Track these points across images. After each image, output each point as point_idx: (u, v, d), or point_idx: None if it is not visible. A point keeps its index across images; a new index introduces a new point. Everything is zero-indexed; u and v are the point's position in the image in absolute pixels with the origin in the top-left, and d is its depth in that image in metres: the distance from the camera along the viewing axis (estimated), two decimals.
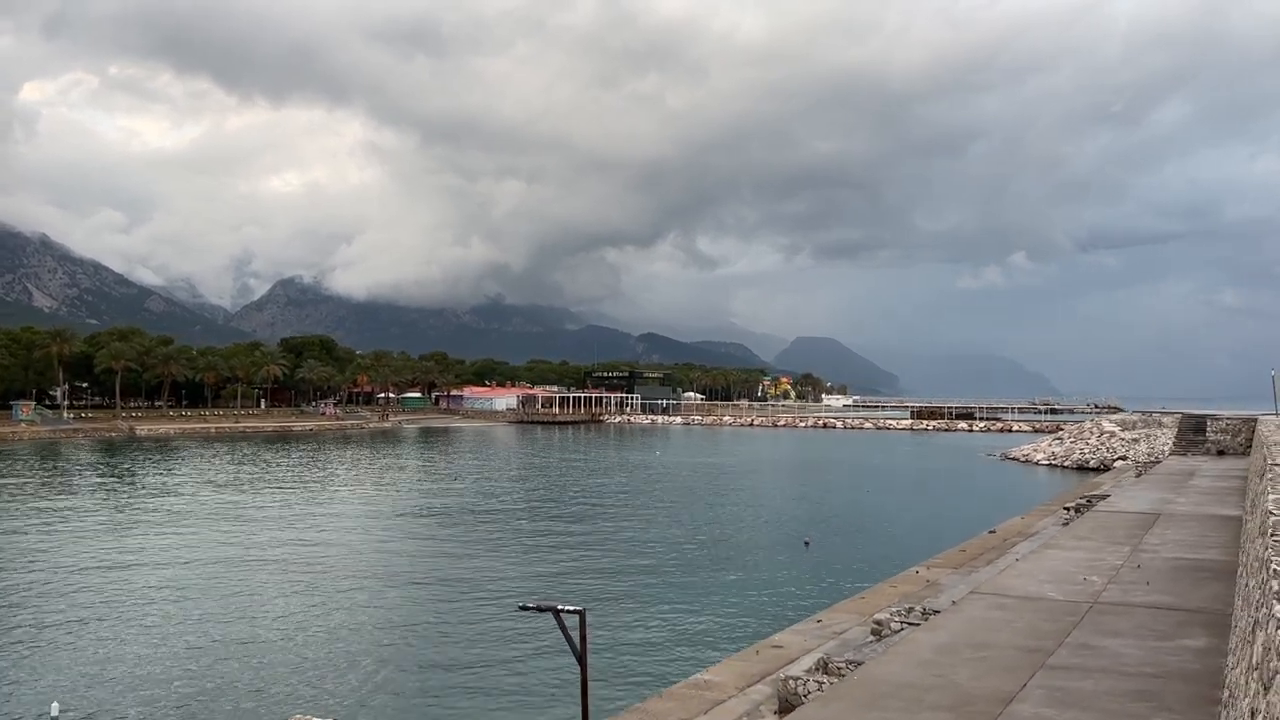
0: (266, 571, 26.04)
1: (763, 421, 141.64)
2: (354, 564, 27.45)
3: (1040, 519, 29.72)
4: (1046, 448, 63.94)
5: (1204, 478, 33.68)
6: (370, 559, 28.58)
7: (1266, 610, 5.23)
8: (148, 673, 17.00)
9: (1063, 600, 14.96)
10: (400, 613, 21.68)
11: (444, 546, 30.43)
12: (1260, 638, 5.25)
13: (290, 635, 19.54)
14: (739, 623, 19.49)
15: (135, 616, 20.95)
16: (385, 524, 35.98)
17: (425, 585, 24.68)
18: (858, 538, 31.80)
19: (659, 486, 49.66)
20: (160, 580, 24.79)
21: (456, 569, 26.50)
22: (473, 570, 26.25)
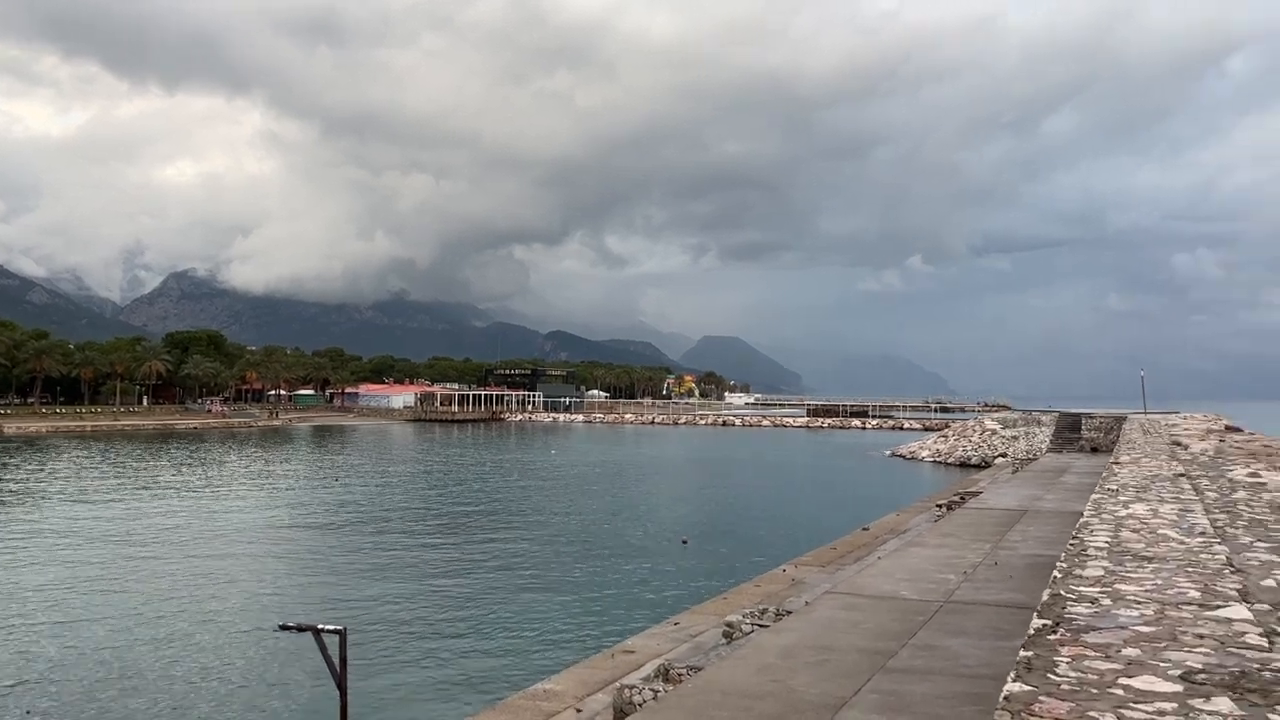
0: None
1: (664, 420, 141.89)
2: (144, 582, 24.91)
3: (913, 516, 29.91)
4: (932, 445, 65.34)
5: (1074, 474, 34.51)
6: (171, 577, 25.64)
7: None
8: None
9: (915, 599, 14.73)
10: (165, 630, 19.74)
11: (274, 562, 28.01)
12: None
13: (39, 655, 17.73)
14: (598, 627, 18.85)
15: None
16: (220, 532, 33.45)
17: (221, 605, 22.34)
18: (737, 536, 31.58)
19: (546, 487, 48.81)
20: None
21: (277, 585, 24.40)
22: (296, 587, 24.24)
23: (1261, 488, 10.55)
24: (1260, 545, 6.57)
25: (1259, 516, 8.24)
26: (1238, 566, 5.74)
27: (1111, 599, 4.87)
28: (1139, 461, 14.71)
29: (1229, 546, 6.50)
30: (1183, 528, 7.35)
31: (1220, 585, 5.18)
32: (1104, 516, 8.11)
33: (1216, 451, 17.09)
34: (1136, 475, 12.22)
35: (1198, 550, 6.27)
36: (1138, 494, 9.91)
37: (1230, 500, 9.49)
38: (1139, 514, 8.24)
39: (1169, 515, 8.11)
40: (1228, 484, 11.11)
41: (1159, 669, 3.64)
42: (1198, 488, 10.57)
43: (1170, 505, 8.83)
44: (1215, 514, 8.35)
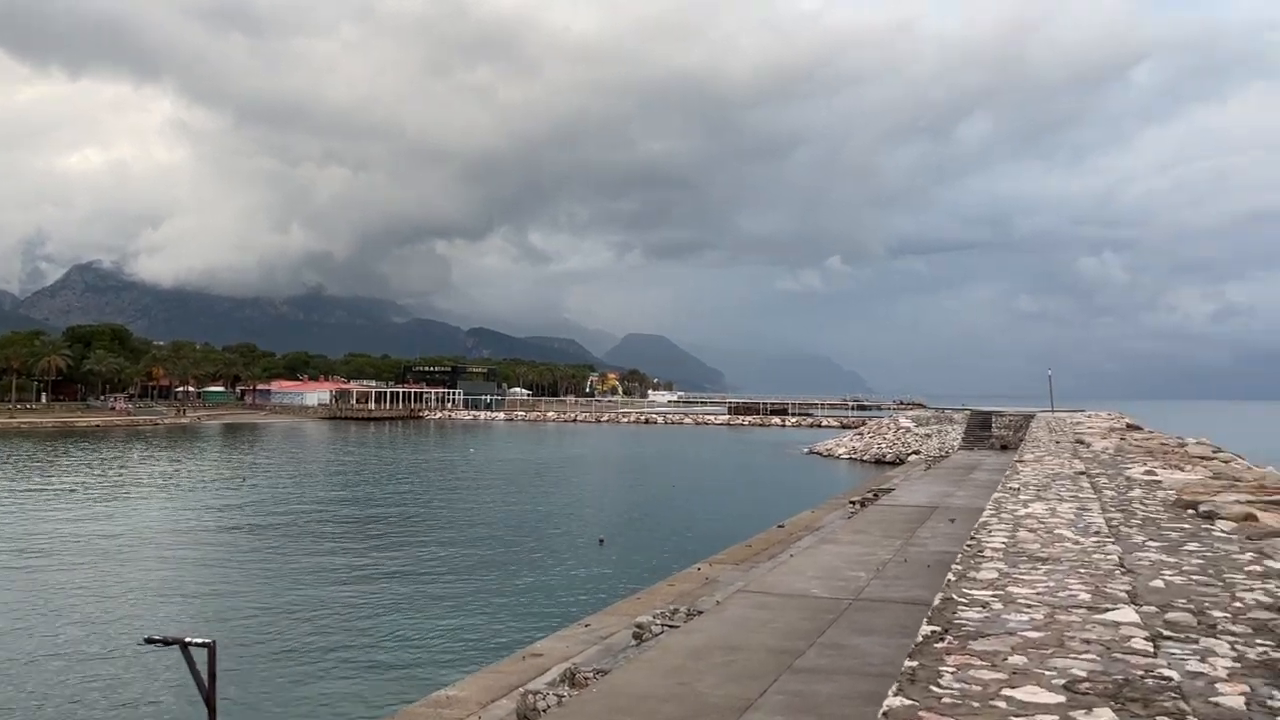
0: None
1: (586, 417, 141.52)
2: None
3: (828, 513, 30.18)
4: (848, 443, 66.36)
5: (983, 471, 35.28)
6: (37, 589, 23.65)
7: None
8: None
9: (826, 597, 14.76)
10: (21, 647, 18.22)
11: (159, 571, 26.01)
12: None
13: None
14: (508, 631, 18.46)
15: None
16: (108, 538, 30.96)
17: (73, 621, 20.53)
18: (655, 534, 31.48)
19: (462, 486, 48.02)
20: None
21: (157, 596, 22.80)
22: (178, 597, 22.59)
23: (1157, 486, 10.76)
24: (1152, 545, 6.61)
25: (1152, 515, 8.35)
26: (1129, 567, 5.73)
27: (1003, 602, 4.78)
28: (1042, 460, 14.97)
29: (1122, 546, 6.52)
30: (1079, 527, 7.38)
31: (1110, 587, 5.14)
32: (1003, 516, 8.12)
33: (1117, 450, 17.53)
34: (1039, 474, 12.39)
35: (1091, 550, 6.26)
36: (1038, 493, 10.00)
37: (1127, 499, 9.63)
38: (1038, 513, 8.27)
39: (1067, 514, 8.16)
40: (1125, 482, 11.32)
41: (1044, 678, 3.53)
42: (1096, 486, 10.73)
43: (1069, 504, 8.91)
44: (1111, 513, 8.44)
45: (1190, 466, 13.04)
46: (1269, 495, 9.54)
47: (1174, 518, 8.20)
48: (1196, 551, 6.29)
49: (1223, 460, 14.92)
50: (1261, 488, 10.29)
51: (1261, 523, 7.74)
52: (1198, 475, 11.77)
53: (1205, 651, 3.96)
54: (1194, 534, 7.17)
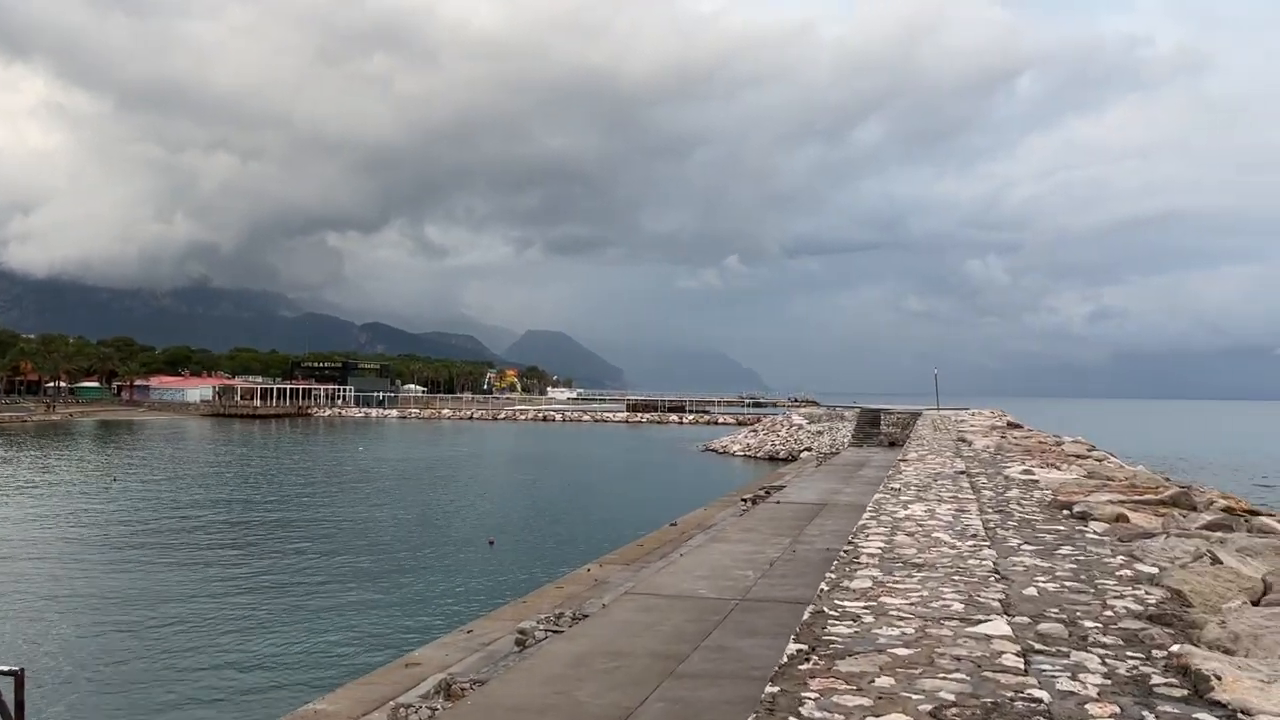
0: None
1: (483, 415, 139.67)
2: None
3: (720, 510, 30.19)
4: (743, 440, 67.04)
5: (871, 468, 35.86)
6: None
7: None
8: None
9: (713, 598, 14.56)
10: None
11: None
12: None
13: None
14: (388, 639, 17.71)
15: None
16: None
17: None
18: (547, 534, 30.98)
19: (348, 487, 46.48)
20: None
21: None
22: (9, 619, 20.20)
23: (1034, 486, 10.88)
24: (1027, 548, 6.53)
25: (1029, 516, 8.36)
26: (1003, 573, 5.60)
27: (875, 615, 4.55)
28: (925, 459, 15.12)
29: (997, 550, 6.42)
30: (956, 530, 7.29)
31: (984, 595, 4.98)
32: (882, 518, 7.99)
33: (997, 448, 17.90)
34: (921, 473, 12.45)
35: (967, 555, 6.14)
36: (919, 493, 9.98)
37: (1005, 499, 9.68)
38: (917, 515, 8.19)
39: (945, 516, 8.09)
40: (1004, 482, 11.44)
41: (910, 703, 3.27)
42: (976, 486, 10.79)
43: (948, 505, 8.87)
44: (989, 514, 8.42)
45: (1066, 466, 13.32)
46: (1138, 495, 9.73)
47: (1049, 519, 8.21)
48: (1070, 555, 6.22)
49: (1097, 459, 15.35)
50: (1132, 487, 10.50)
51: (1132, 523, 7.80)
52: (1073, 475, 11.99)
53: (1076, 667, 3.79)
54: (1068, 536, 7.15)
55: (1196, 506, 8.96)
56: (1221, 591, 4.99)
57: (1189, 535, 6.69)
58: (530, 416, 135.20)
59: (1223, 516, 7.59)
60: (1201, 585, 5.05)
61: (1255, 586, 5.10)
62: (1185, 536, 6.67)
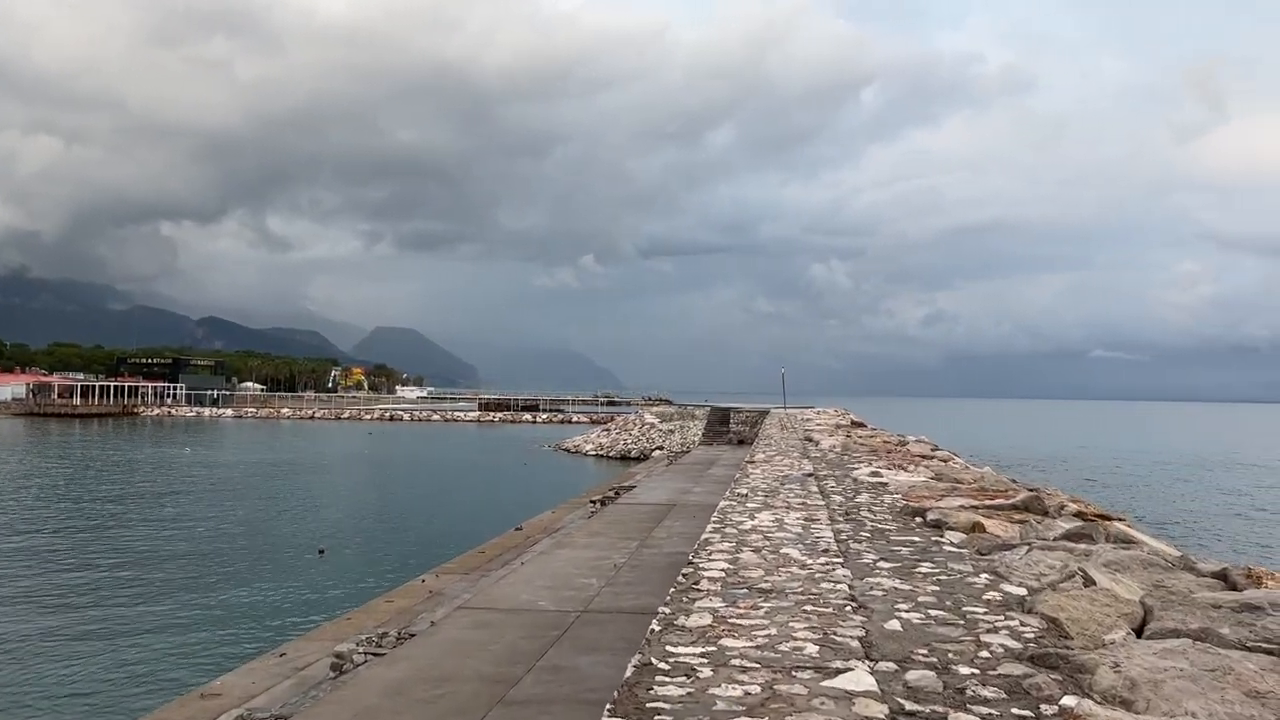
0: None
1: (326, 414, 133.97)
2: None
3: (569, 513, 29.27)
4: (595, 439, 66.35)
5: (721, 466, 35.74)
6: None
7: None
8: None
9: (553, 610, 13.61)
10: None
11: None
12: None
13: None
14: (189, 665, 15.85)
15: None
16: None
17: None
18: (384, 542, 29.23)
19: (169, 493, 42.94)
20: None
21: None
22: None
23: (883, 489, 10.42)
24: (884, 566, 5.84)
25: (881, 525, 7.76)
26: (861, 599, 4.87)
27: (713, 665, 3.69)
28: (772, 460, 14.61)
29: (852, 569, 5.71)
30: (807, 544, 6.58)
31: (841, 631, 4.21)
32: (727, 530, 7.21)
33: (844, 448, 17.65)
34: (768, 476, 11.85)
35: (820, 576, 5.39)
36: (766, 500, 9.31)
37: (855, 504, 9.11)
38: (764, 525, 7.46)
39: (794, 527, 7.39)
40: (853, 484, 10.95)
41: None
42: (825, 491, 10.23)
43: (797, 514, 8.20)
44: (840, 523, 7.78)
45: (913, 466, 13.02)
46: (990, 499, 9.36)
47: (903, 528, 7.64)
48: (931, 575, 5.56)
49: (942, 459, 15.22)
50: (982, 490, 10.17)
51: (989, 532, 7.32)
52: (921, 477, 11.65)
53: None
54: (925, 549, 6.54)
55: (1049, 511, 8.61)
56: (1101, 619, 4.39)
57: (1051, 548, 6.18)
58: (376, 416, 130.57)
59: (1080, 525, 7.19)
60: (1079, 612, 4.44)
61: (1135, 612, 4.54)
62: (1048, 549, 6.15)
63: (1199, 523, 34.22)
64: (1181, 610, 4.45)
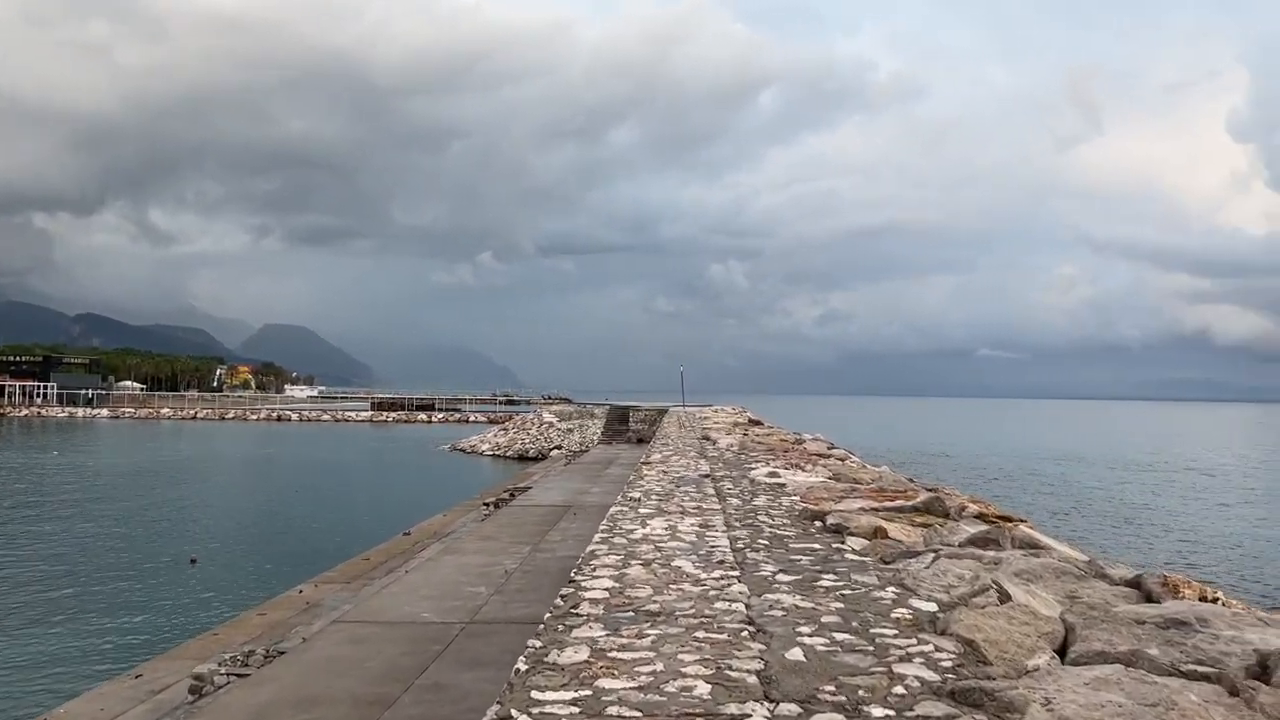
0: None
1: (209, 414, 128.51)
2: None
3: (461, 516, 28.33)
4: (492, 438, 65.09)
5: (619, 466, 35.25)
6: None
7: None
8: None
9: (437, 622, 12.80)
10: None
11: None
12: None
13: None
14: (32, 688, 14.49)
15: None
16: None
17: None
18: (263, 549, 27.70)
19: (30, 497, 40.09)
20: None
21: None
22: None
23: (781, 490, 10.01)
24: (783, 580, 5.33)
25: (779, 531, 7.29)
26: (759, 622, 4.34)
27: (587, 718, 3.09)
28: (669, 460, 14.13)
29: (749, 584, 5.18)
30: (701, 554, 6.05)
31: (738, 663, 3.67)
32: (616, 540, 6.62)
33: (741, 447, 17.30)
34: (664, 478, 11.34)
35: (714, 594, 4.85)
36: (660, 504, 8.77)
37: (752, 508, 8.65)
38: (656, 534, 6.91)
39: (688, 535, 6.86)
40: (750, 486, 10.52)
41: None
42: (721, 493, 9.75)
43: (692, 519, 7.68)
44: (737, 529, 7.28)
45: (811, 466, 12.69)
46: (889, 500, 9.03)
47: (802, 534, 7.19)
48: (834, 589, 5.08)
49: (839, 458, 14.99)
50: (881, 491, 9.85)
51: (891, 538, 6.92)
52: (819, 477, 11.30)
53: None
54: (826, 558, 6.08)
55: (950, 513, 8.31)
56: (1020, 640, 3.96)
57: (958, 555, 5.79)
58: (263, 416, 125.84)
59: (985, 529, 6.85)
60: (996, 632, 4.00)
61: (1056, 631, 4.13)
62: (955, 557, 5.76)
63: (1091, 521, 35.11)
64: (1105, 629, 4.06)
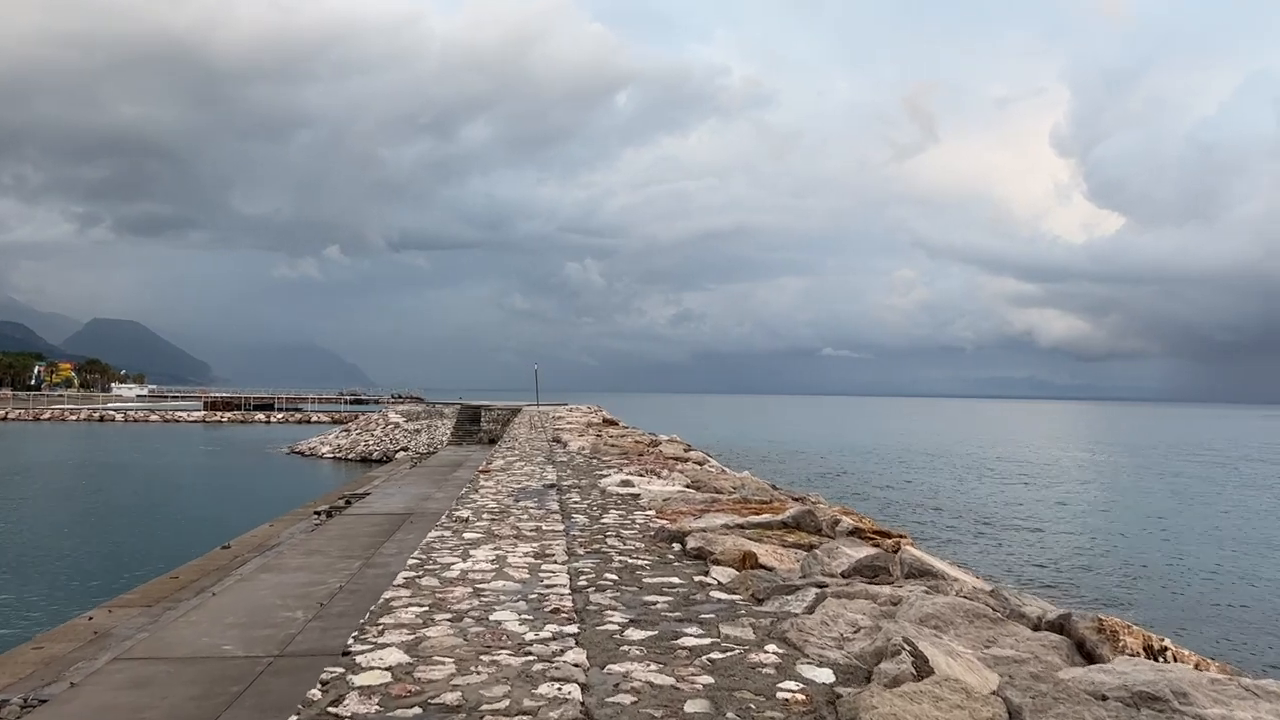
0: None
1: (21, 414, 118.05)
2: None
3: (290, 525, 26.02)
4: (333, 440, 61.60)
5: (467, 468, 33.50)
6: None
7: None
8: None
9: (240, 656, 10.94)
10: None
11: None
12: None
13: None
14: None
15: None
16: None
17: None
18: (61, 566, 24.66)
19: None
20: None
21: None
22: None
23: (635, 503, 8.82)
24: (634, 637, 4.09)
25: (632, 559, 6.06)
26: (599, 715, 3.09)
27: None
28: (511, 467, 12.75)
29: (589, 644, 3.93)
30: (532, 599, 4.76)
31: None
32: (424, 582, 5.23)
33: (593, 450, 16.07)
34: (502, 490, 9.97)
35: (542, 669, 3.57)
36: (492, 524, 7.41)
37: (601, 527, 7.41)
38: (479, 570, 5.57)
39: (519, 569, 5.55)
40: (600, 498, 9.28)
41: None
42: (566, 508, 8.47)
43: (527, 545, 6.38)
44: (581, 558, 6.02)
45: (667, 473, 11.57)
46: (754, 512, 7.97)
47: (659, 561, 6.00)
48: (700, 650, 3.86)
49: (697, 462, 13.95)
50: (745, 502, 8.78)
51: (762, 565, 5.82)
52: (676, 485, 10.17)
53: None
54: (688, 597, 4.89)
55: (822, 528, 7.29)
56: None
57: (847, 593, 4.71)
58: (83, 416, 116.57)
59: (868, 553, 5.83)
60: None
61: (998, 715, 3.05)
62: (844, 596, 4.68)
63: (948, 520, 35.26)
64: (1062, 711, 3.01)
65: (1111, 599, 21.73)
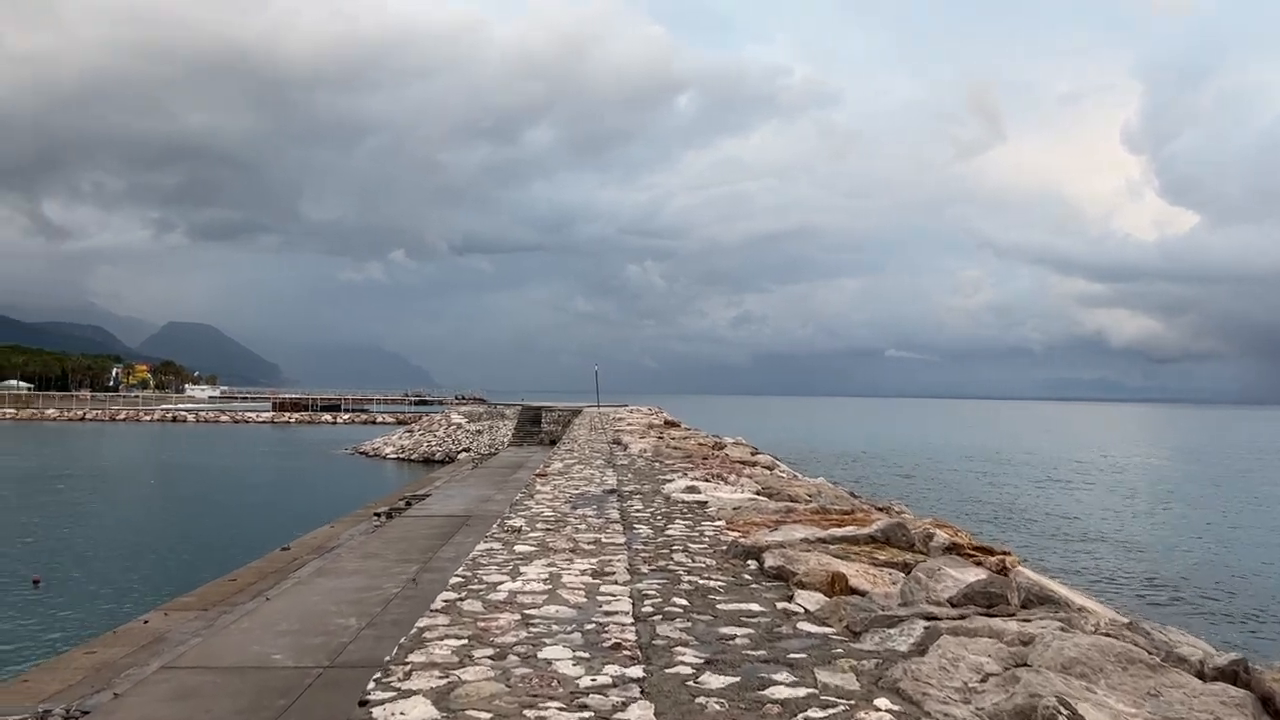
0: None
1: (99, 415, 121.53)
2: None
3: (350, 527, 25.82)
4: (397, 441, 61.90)
5: (527, 470, 33.13)
6: None
7: None
8: None
9: (289, 666, 10.46)
10: None
11: None
12: None
13: None
14: None
15: None
16: None
17: None
18: (122, 567, 24.72)
19: None
20: None
21: None
22: None
23: (703, 512, 8.11)
24: (711, 685, 3.36)
25: (703, 579, 5.34)
26: None
27: None
28: (570, 470, 12.12)
29: (658, 696, 3.23)
30: (589, 630, 4.08)
31: None
32: (466, 606, 4.58)
33: (655, 453, 15.37)
34: (559, 496, 9.34)
35: None
36: (547, 535, 6.76)
37: (666, 540, 6.70)
38: (530, 589, 4.91)
39: (576, 590, 4.88)
40: (664, 506, 8.58)
41: None
42: (627, 517, 7.79)
43: (585, 561, 5.72)
44: (645, 578, 5.32)
45: (735, 477, 10.82)
46: (836, 524, 7.20)
47: (734, 583, 5.27)
48: (793, 709, 3.09)
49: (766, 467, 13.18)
50: (823, 513, 8.00)
51: (854, 589, 5.07)
52: (746, 492, 9.43)
53: None
54: (771, 630, 4.16)
55: (915, 544, 6.49)
56: None
57: (967, 631, 3.94)
58: (156, 417, 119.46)
59: (979, 577, 5.03)
60: None
61: None
62: (960, 631, 3.91)
63: (1031, 534, 33.57)
64: None
65: (1253, 633, 19.52)
